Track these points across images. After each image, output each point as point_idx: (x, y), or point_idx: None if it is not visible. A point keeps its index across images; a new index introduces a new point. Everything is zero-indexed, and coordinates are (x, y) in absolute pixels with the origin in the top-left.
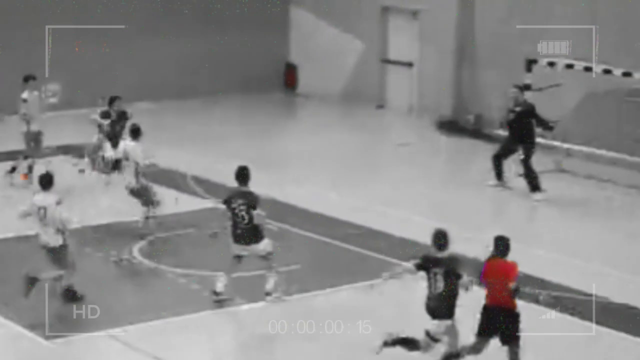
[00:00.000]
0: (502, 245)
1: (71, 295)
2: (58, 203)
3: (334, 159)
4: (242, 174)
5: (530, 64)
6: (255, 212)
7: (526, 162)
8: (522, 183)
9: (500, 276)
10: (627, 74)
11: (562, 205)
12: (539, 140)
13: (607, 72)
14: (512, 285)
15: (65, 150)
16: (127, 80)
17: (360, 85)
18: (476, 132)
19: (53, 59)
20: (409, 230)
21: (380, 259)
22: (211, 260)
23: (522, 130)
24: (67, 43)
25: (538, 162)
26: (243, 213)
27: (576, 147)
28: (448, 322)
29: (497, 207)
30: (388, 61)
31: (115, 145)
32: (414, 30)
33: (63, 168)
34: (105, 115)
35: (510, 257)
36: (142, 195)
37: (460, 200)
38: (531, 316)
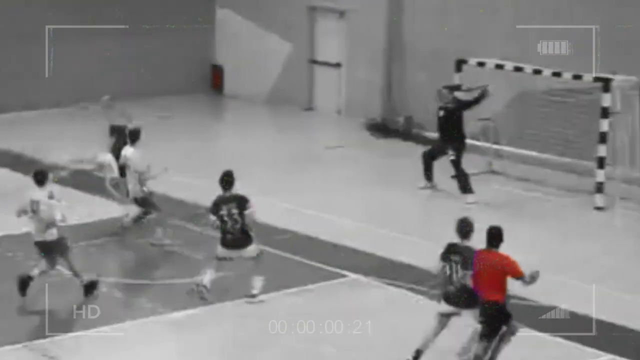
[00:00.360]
0: (494, 235)
1: (90, 287)
2: (50, 197)
3: (263, 162)
4: (227, 180)
5: (460, 64)
6: (246, 213)
7: (456, 163)
8: (453, 185)
9: (490, 268)
10: (556, 74)
11: (493, 206)
12: (469, 141)
13: (537, 72)
14: (528, 278)
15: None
16: (46, 84)
17: (288, 86)
18: (406, 133)
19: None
20: (340, 234)
21: (311, 265)
22: (137, 267)
23: (452, 130)
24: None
25: (469, 163)
26: (235, 217)
27: (507, 148)
28: (471, 311)
29: (427, 209)
30: (316, 62)
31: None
32: (342, 30)
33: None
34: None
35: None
36: (145, 204)
37: (390, 203)
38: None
